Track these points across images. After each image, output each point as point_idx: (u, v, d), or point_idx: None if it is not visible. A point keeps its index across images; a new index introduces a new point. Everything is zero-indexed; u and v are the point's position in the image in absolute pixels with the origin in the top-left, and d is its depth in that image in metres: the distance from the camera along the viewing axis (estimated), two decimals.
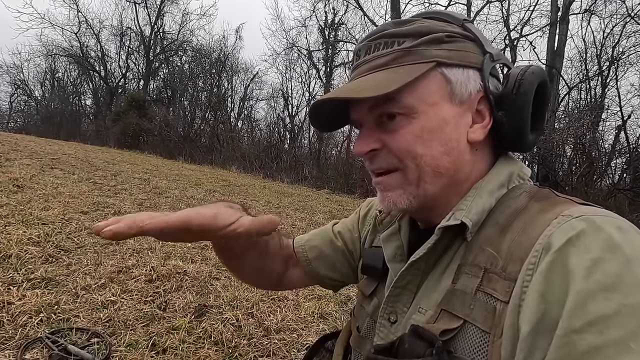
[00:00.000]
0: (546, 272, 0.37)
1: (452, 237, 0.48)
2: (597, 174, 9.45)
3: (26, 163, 5.98)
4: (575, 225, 0.38)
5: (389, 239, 0.57)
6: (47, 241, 2.70)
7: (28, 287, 2.02)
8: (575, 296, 0.34)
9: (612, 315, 0.32)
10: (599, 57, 10.92)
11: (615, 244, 0.35)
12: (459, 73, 0.48)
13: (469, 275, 0.44)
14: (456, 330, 0.42)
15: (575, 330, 0.33)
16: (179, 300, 2.15)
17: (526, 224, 0.43)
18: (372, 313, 0.57)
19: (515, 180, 0.51)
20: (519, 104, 0.49)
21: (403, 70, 0.46)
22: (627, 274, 0.34)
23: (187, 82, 18.80)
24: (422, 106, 0.47)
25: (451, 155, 0.48)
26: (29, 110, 24.83)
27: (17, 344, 1.53)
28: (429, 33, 0.47)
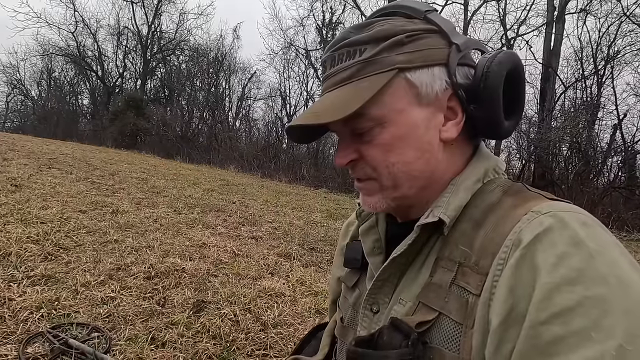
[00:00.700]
0: (515, 267, 0.38)
1: (430, 232, 0.49)
2: (593, 173, 9.52)
3: (24, 163, 5.98)
4: (543, 221, 0.40)
5: (367, 233, 0.58)
6: (46, 239, 2.73)
7: (28, 284, 2.04)
8: (541, 289, 0.36)
9: (575, 306, 0.34)
10: (595, 56, 10.97)
11: (579, 240, 0.37)
12: (423, 74, 0.47)
13: (444, 269, 0.46)
14: (431, 322, 0.44)
15: (541, 322, 0.35)
16: (178, 297, 2.18)
17: (498, 219, 0.44)
18: (354, 304, 0.59)
19: (490, 174, 0.52)
20: (488, 96, 0.48)
21: (366, 84, 0.46)
22: (589, 268, 0.35)
23: (185, 82, 18.78)
24: (390, 114, 0.47)
25: (424, 158, 0.49)
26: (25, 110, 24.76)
27: (19, 339, 1.56)
28: (388, 37, 0.46)
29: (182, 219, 4.05)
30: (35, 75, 23.53)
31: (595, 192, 8.79)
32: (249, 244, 3.51)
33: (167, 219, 3.96)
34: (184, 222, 3.92)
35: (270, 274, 2.82)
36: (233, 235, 3.77)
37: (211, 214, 4.55)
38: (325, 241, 4.02)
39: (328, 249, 3.71)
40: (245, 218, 4.58)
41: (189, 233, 3.55)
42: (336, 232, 4.49)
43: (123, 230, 3.33)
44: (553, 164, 9.94)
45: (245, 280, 2.59)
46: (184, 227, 3.74)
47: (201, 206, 4.91)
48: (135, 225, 3.55)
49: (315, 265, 3.19)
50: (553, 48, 10.94)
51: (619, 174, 9.84)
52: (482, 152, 0.54)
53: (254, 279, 2.64)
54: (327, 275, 2.91)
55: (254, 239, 3.72)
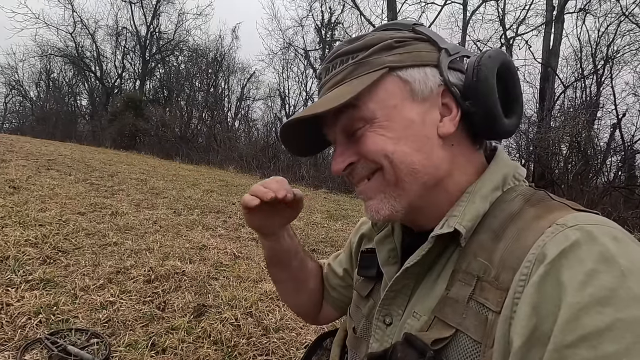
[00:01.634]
0: (538, 284, 0.36)
1: (446, 243, 0.47)
2: (593, 172, 9.52)
3: (22, 164, 5.95)
4: (569, 235, 0.37)
5: (382, 242, 0.57)
6: (45, 242, 2.70)
7: (26, 288, 2.02)
8: (567, 310, 0.33)
9: (606, 329, 0.31)
10: (594, 56, 10.98)
11: (610, 256, 0.35)
12: (415, 72, 0.48)
13: (462, 282, 0.44)
14: (448, 339, 0.42)
15: (567, 345, 0.32)
16: (178, 301, 2.15)
17: (520, 231, 0.42)
18: (367, 314, 0.58)
19: (510, 181, 0.50)
20: (482, 89, 0.48)
21: (357, 81, 0.47)
22: (621, 287, 0.33)
23: (184, 82, 18.75)
24: (384, 109, 0.48)
25: (423, 152, 0.48)
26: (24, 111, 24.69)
27: (16, 345, 1.53)
28: (377, 43, 0.49)
29: (181, 221, 4.02)
30: (33, 76, 23.49)
31: (595, 191, 8.79)
32: (249, 246, 3.48)
33: (166, 221, 3.93)
34: (183, 224, 3.90)
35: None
36: (233, 236, 3.75)
37: (211, 215, 4.52)
38: (326, 242, 4.00)
39: (329, 250, 3.69)
40: None
41: (189, 235, 3.53)
42: (337, 233, 4.46)
43: (122, 232, 3.30)
44: (553, 164, 9.93)
45: (246, 283, 2.57)
46: (184, 229, 3.72)
47: (201, 207, 4.88)
48: (135, 227, 3.52)
49: None
50: (552, 48, 10.94)
51: (619, 174, 9.85)
52: (499, 157, 0.52)
53: (255, 282, 2.61)
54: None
55: (254, 241, 3.69)
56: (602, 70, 10.76)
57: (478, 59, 0.49)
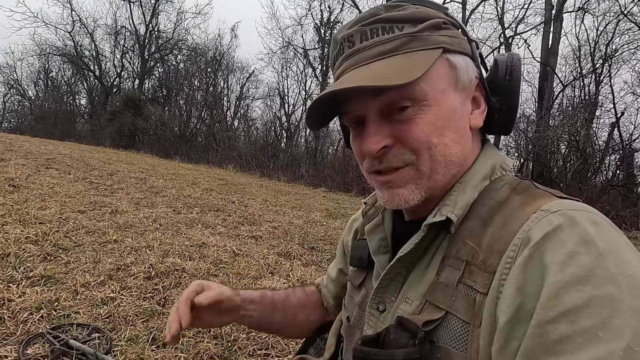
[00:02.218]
0: (523, 265, 0.38)
1: (437, 231, 0.48)
2: (591, 171, 9.55)
3: (21, 163, 5.95)
4: (553, 220, 0.39)
5: (373, 231, 0.58)
6: (45, 240, 2.71)
7: (27, 284, 2.03)
8: (549, 288, 0.35)
9: (583, 306, 0.33)
10: (593, 55, 11.01)
11: (589, 239, 0.37)
12: (460, 59, 0.48)
13: (451, 267, 0.45)
14: (439, 320, 0.43)
15: (548, 321, 0.34)
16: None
17: (506, 218, 0.44)
18: (360, 303, 0.59)
19: (497, 171, 0.51)
20: (512, 89, 0.50)
21: (417, 56, 0.45)
22: (599, 267, 0.35)
23: (183, 81, 18.74)
24: (434, 93, 0.46)
25: (461, 143, 0.48)
26: (22, 110, 24.65)
27: (18, 340, 1.55)
28: (427, 19, 0.46)
29: (181, 219, 4.04)
30: (32, 75, 23.46)
31: (594, 190, 8.82)
32: (248, 244, 3.50)
33: (166, 219, 3.94)
34: (183, 222, 3.91)
35: (270, 273, 2.81)
36: (233, 234, 3.76)
37: (210, 214, 4.54)
38: (325, 240, 4.02)
39: (328, 248, 3.70)
40: (245, 217, 4.58)
41: (189, 233, 3.54)
42: (336, 232, 4.48)
43: (122, 230, 3.31)
44: (551, 162, 9.96)
45: (245, 280, 2.59)
46: (184, 227, 3.73)
47: (200, 206, 4.89)
48: (135, 225, 3.53)
49: (316, 264, 3.19)
50: (551, 46, 10.96)
51: (617, 172, 9.88)
52: (488, 148, 0.54)
53: (255, 279, 2.63)
54: None
55: (253, 239, 3.71)
56: (601, 69, 10.79)
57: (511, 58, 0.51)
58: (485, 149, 0.54)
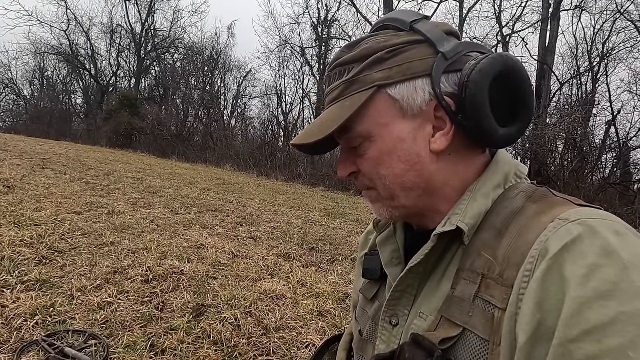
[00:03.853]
0: (542, 279, 0.36)
1: (449, 241, 0.47)
2: (589, 169, 9.58)
3: (16, 163, 5.88)
4: (572, 229, 0.37)
5: (384, 243, 0.57)
6: (41, 242, 2.66)
7: (22, 289, 1.99)
8: (571, 304, 0.33)
9: (610, 323, 0.32)
10: (590, 53, 11.04)
11: (612, 250, 0.35)
12: (404, 89, 0.47)
13: (467, 281, 0.43)
14: (456, 338, 0.41)
15: (571, 340, 0.32)
16: (177, 301, 2.13)
17: (522, 228, 0.42)
18: (373, 316, 0.57)
19: (512, 179, 0.50)
20: (471, 106, 0.46)
21: (348, 103, 0.48)
22: (624, 281, 0.33)
23: (180, 80, 18.62)
24: (376, 129, 0.48)
25: (415, 170, 0.48)
26: (17, 109, 24.45)
27: (12, 348, 1.51)
28: (370, 55, 0.47)
29: (179, 220, 3.99)
30: (27, 74, 23.28)
31: (591, 188, 8.85)
32: (247, 245, 3.47)
33: (164, 220, 3.90)
34: (181, 223, 3.87)
35: (270, 275, 2.78)
36: (231, 235, 3.73)
37: (208, 214, 4.49)
38: (325, 240, 3.99)
39: (327, 249, 3.68)
40: (243, 218, 4.54)
41: (187, 234, 3.50)
42: (335, 232, 4.45)
43: (119, 231, 3.27)
44: (549, 161, 9.99)
45: (245, 282, 2.55)
46: (182, 228, 3.69)
47: (198, 206, 4.85)
48: (132, 226, 3.49)
49: (316, 265, 3.16)
50: (548, 45, 10.98)
51: (614, 170, 9.92)
52: (500, 156, 0.52)
53: (254, 281, 2.59)
54: (328, 276, 2.87)
55: (252, 239, 3.67)
56: (598, 68, 10.83)
57: (468, 72, 0.46)
58: (497, 157, 0.52)
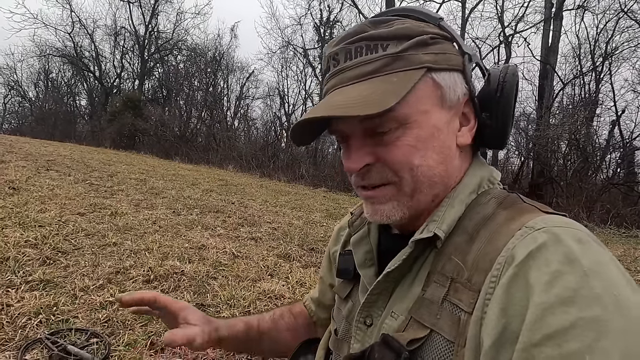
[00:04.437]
0: (507, 285, 0.37)
1: (424, 246, 0.48)
2: (592, 169, 9.53)
3: (21, 165, 5.96)
4: (537, 237, 0.39)
5: (358, 244, 0.57)
6: (45, 243, 2.71)
7: (26, 289, 2.03)
8: (534, 310, 0.35)
9: (570, 328, 0.33)
10: (593, 53, 10.99)
11: (574, 257, 0.36)
12: (447, 77, 0.46)
13: (437, 284, 0.45)
14: (423, 339, 0.43)
15: (534, 344, 0.33)
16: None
17: (492, 234, 0.44)
18: (347, 316, 0.58)
19: (485, 184, 0.51)
20: (503, 106, 0.49)
21: (397, 79, 0.44)
22: (584, 288, 0.34)
23: (183, 82, 18.72)
24: (416, 115, 0.45)
25: (445, 163, 0.48)
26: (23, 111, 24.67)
27: (17, 345, 1.55)
28: (412, 36, 0.45)
29: (181, 221, 4.04)
30: (32, 76, 23.46)
31: (594, 188, 8.81)
32: (248, 245, 3.50)
33: (166, 221, 3.94)
34: (183, 224, 3.91)
35: (269, 275, 2.81)
36: (232, 236, 3.76)
37: (210, 215, 4.54)
38: (325, 241, 4.02)
39: None
40: (245, 219, 4.58)
41: (188, 235, 3.54)
42: None
43: (122, 232, 3.31)
44: (552, 161, 9.95)
45: (244, 282, 2.59)
46: (183, 229, 3.73)
47: (200, 207, 4.89)
48: (134, 227, 3.54)
49: (315, 266, 3.19)
50: (551, 45, 10.94)
51: (618, 170, 9.87)
52: (478, 161, 0.54)
53: (254, 281, 2.63)
54: None
55: (253, 240, 3.71)
56: (601, 67, 10.77)
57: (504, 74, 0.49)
58: (474, 163, 0.53)
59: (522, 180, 10.38)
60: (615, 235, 6.29)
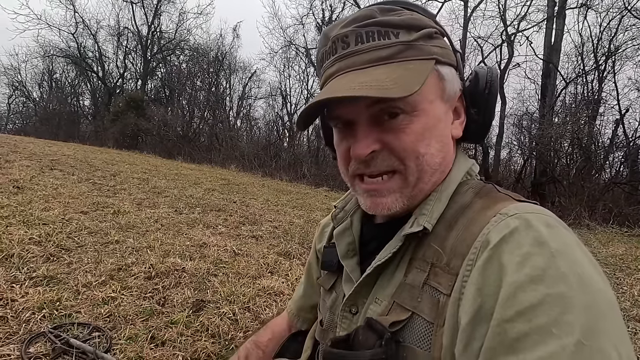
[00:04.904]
0: (482, 267, 0.40)
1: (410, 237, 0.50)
2: (595, 168, 9.48)
3: (26, 164, 6.02)
4: (510, 223, 0.41)
5: (341, 236, 0.59)
6: (48, 241, 2.75)
7: (30, 284, 2.07)
8: (507, 288, 0.37)
9: (538, 304, 0.35)
10: (596, 51, 10.92)
11: (543, 240, 0.39)
12: (448, 71, 0.49)
13: (418, 269, 0.47)
14: (405, 321, 0.45)
15: (506, 320, 0.36)
16: (177, 296, 2.20)
17: (469, 221, 0.46)
18: (331, 306, 0.60)
19: (464, 176, 0.54)
20: (490, 102, 0.53)
21: (413, 66, 0.45)
22: (551, 267, 0.37)
23: (185, 82, 18.79)
24: (424, 103, 0.47)
25: (444, 151, 0.50)
26: (27, 111, 24.87)
27: (21, 339, 1.59)
28: (421, 27, 0.47)
29: (183, 219, 4.08)
30: (36, 76, 23.66)
31: (597, 187, 8.76)
32: (249, 243, 3.53)
33: (168, 219, 3.98)
34: (184, 222, 3.95)
35: (269, 272, 2.84)
36: (233, 234, 3.80)
37: (212, 214, 4.57)
38: None
39: None
40: (246, 217, 4.61)
41: (190, 233, 3.58)
42: None
43: (124, 230, 3.35)
44: (555, 160, 9.91)
45: (244, 279, 2.62)
46: (185, 227, 3.77)
47: (202, 206, 4.93)
48: (136, 225, 3.58)
49: None
50: (554, 43, 10.89)
51: (621, 170, 9.81)
52: (460, 156, 0.56)
53: (254, 278, 2.66)
54: None
55: (254, 238, 3.74)
56: (604, 66, 10.71)
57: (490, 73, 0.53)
58: (459, 156, 0.56)
59: (524, 180, 10.35)
60: (617, 234, 6.27)
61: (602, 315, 0.35)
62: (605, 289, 0.37)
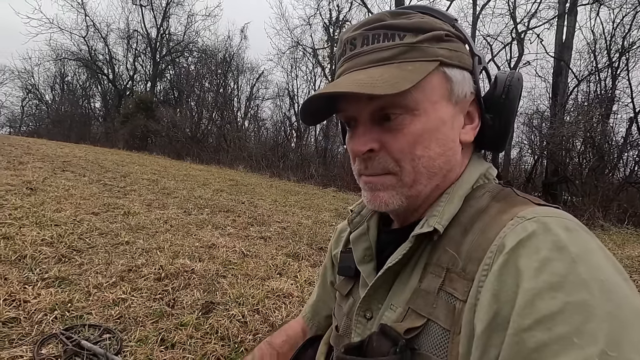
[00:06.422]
0: (498, 272, 0.38)
1: (422, 239, 0.49)
2: (609, 168, 9.29)
3: (39, 166, 6.13)
4: (527, 226, 0.40)
5: (357, 241, 0.58)
6: (60, 242, 2.79)
7: (43, 286, 2.09)
8: (524, 295, 0.36)
9: (558, 312, 0.34)
10: (609, 48, 10.70)
11: (562, 245, 0.37)
12: (457, 73, 0.48)
13: (433, 275, 0.46)
14: (420, 328, 0.44)
15: (524, 329, 0.34)
16: (187, 298, 2.21)
17: (485, 226, 0.44)
18: (348, 312, 0.59)
19: (480, 179, 0.52)
20: (508, 108, 0.51)
21: (412, 67, 0.45)
22: (571, 273, 0.35)
23: (194, 83, 18.96)
24: (425, 104, 0.47)
25: (446, 156, 0.49)
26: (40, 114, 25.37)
27: (33, 340, 1.60)
28: (430, 30, 0.47)
29: (192, 220, 4.10)
30: (48, 79, 24.14)
31: (611, 187, 8.58)
32: (257, 244, 3.53)
33: (177, 220, 4.01)
34: (193, 223, 3.97)
35: (278, 274, 2.83)
36: (242, 235, 3.80)
37: (220, 215, 4.59)
38: None
39: None
40: (254, 218, 4.61)
41: (199, 234, 3.59)
42: None
43: (134, 231, 3.38)
44: (566, 160, 9.73)
45: (253, 280, 2.61)
46: (194, 228, 3.78)
47: (211, 207, 4.95)
48: (146, 226, 3.60)
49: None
50: (565, 41, 10.70)
51: (636, 169, 9.59)
52: (476, 159, 0.55)
53: (263, 280, 2.65)
54: None
55: (262, 239, 3.74)
56: (618, 63, 10.48)
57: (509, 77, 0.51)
58: (473, 159, 0.54)
59: (535, 179, 10.19)
60: (632, 235, 6.12)
61: (628, 324, 0.33)
62: (631, 295, 0.35)
